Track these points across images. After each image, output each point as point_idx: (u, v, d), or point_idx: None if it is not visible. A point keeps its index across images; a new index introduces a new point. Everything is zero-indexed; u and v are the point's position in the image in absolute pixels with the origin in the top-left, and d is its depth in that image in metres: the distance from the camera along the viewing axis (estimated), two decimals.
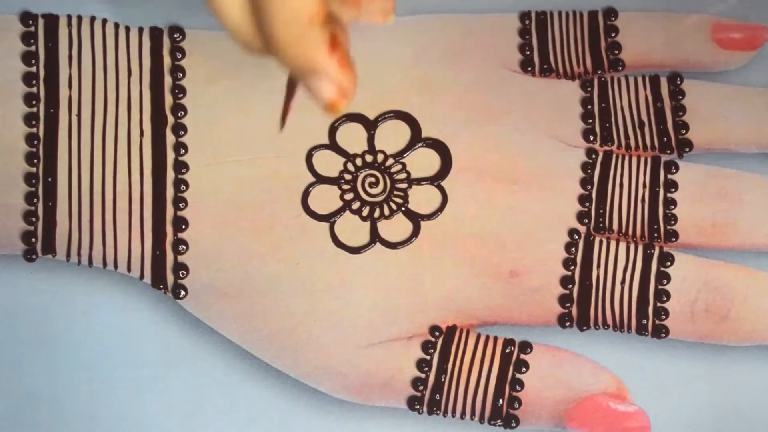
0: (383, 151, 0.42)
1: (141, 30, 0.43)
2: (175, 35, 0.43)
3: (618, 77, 0.44)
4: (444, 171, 0.42)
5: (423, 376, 0.40)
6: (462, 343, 0.41)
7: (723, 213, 0.42)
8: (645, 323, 0.41)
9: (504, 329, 0.41)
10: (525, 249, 0.42)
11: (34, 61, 0.42)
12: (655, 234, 0.42)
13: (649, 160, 0.43)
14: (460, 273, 0.41)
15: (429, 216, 0.42)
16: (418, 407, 0.40)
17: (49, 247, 0.41)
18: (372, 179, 0.42)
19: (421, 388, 0.40)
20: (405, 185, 0.42)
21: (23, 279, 0.41)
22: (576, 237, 0.42)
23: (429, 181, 0.42)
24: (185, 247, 0.41)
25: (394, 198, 0.42)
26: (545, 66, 0.44)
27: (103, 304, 0.41)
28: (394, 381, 0.40)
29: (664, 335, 0.41)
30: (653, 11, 0.45)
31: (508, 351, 0.41)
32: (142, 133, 0.42)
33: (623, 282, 0.41)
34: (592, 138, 0.43)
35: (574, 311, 0.41)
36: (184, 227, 0.41)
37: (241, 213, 0.41)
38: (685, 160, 0.43)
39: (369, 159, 0.42)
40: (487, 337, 0.41)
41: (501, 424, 0.40)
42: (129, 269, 0.41)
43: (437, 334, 0.41)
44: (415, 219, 0.42)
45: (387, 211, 0.42)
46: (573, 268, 0.42)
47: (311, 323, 0.40)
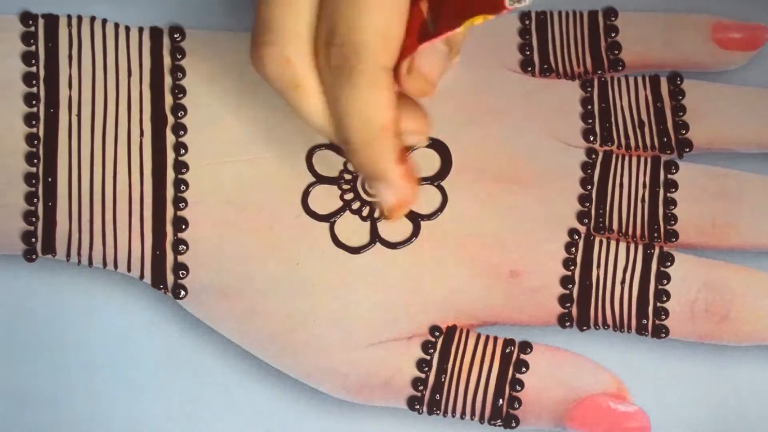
0: None
1: (141, 30, 0.43)
2: (175, 35, 0.43)
3: (618, 77, 0.44)
4: (444, 171, 0.42)
5: (423, 376, 0.40)
6: (462, 343, 0.41)
7: (723, 213, 0.42)
8: (645, 323, 0.41)
9: (504, 329, 0.41)
10: (525, 249, 0.42)
11: (34, 61, 0.42)
12: (655, 234, 0.42)
13: (649, 160, 0.43)
14: (460, 273, 0.41)
15: (429, 216, 0.42)
16: (418, 407, 0.40)
17: (49, 247, 0.41)
18: None
19: (421, 388, 0.40)
20: None
21: (23, 279, 0.41)
22: (576, 237, 0.42)
23: (429, 181, 0.42)
24: (185, 247, 0.41)
25: None
26: (545, 66, 0.44)
27: (103, 304, 0.41)
28: (394, 381, 0.40)
29: (664, 335, 0.41)
30: (653, 11, 0.45)
31: (508, 351, 0.41)
32: (142, 133, 0.42)
33: (623, 282, 0.41)
34: (592, 138, 0.43)
35: (574, 311, 0.41)
36: (184, 227, 0.41)
37: (241, 213, 0.41)
38: (685, 160, 0.43)
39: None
40: (487, 337, 0.41)
41: (501, 424, 0.40)
42: (129, 269, 0.41)
43: (437, 334, 0.41)
44: (415, 219, 0.42)
45: None
46: (573, 268, 0.42)
47: (311, 323, 0.40)
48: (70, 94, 0.42)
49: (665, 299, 0.41)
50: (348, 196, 0.42)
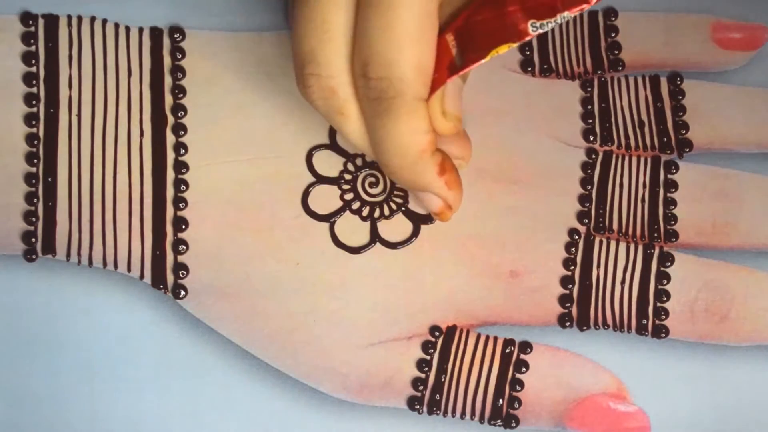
0: None
1: (141, 30, 0.43)
2: (175, 35, 0.43)
3: (618, 77, 0.44)
4: None
5: (423, 376, 0.40)
6: (462, 343, 0.41)
7: (723, 213, 0.42)
8: (645, 323, 0.41)
9: (504, 329, 0.41)
10: (525, 249, 0.42)
11: (34, 61, 0.42)
12: (655, 234, 0.42)
13: (649, 160, 0.43)
14: (460, 273, 0.41)
15: (429, 219, 0.42)
16: (418, 407, 0.40)
17: (49, 247, 0.41)
18: (372, 179, 0.42)
19: (421, 388, 0.40)
20: None
21: (23, 279, 0.41)
22: (576, 237, 0.42)
23: None
24: (185, 247, 0.41)
25: (394, 198, 0.42)
26: (545, 66, 0.44)
27: (103, 304, 0.41)
28: (394, 381, 0.40)
29: (664, 335, 0.41)
30: (653, 11, 0.45)
31: (508, 351, 0.41)
32: (142, 133, 0.42)
33: (623, 282, 0.41)
34: (592, 138, 0.43)
35: (574, 311, 0.41)
36: (184, 227, 0.41)
37: (241, 213, 0.41)
38: (685, 160, 0.43)
39: (369, 159, 0.42)
40: (487, 337, 0.41)
41: (501, 424, 0.40)
42: (129, 269, 0.41)
43: (437, 334, 0.41)
44: (415, 219, 0.42)
45: (387, 211, 0.42)
46: (573, 268, 0.42)
47: (311, 323, 0.40)
48: (70, 94, 0.42)
49: (665, 299, 0.41)
50: (348, 196, 0.42)
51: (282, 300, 0.41)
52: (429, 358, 0.41)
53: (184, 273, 0.41)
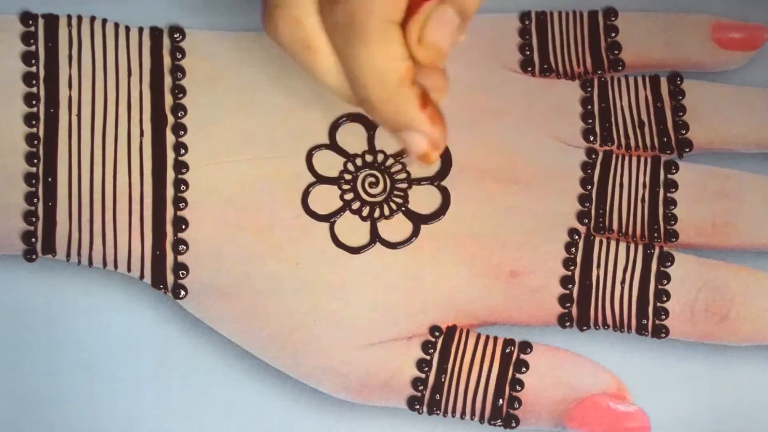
0: (383, 151, 0.42)
1: (141, 30, 0.43)
2: (175, 35, 0.43)
3: (618, 77, 0.44)
4: (444, 171, 0.42)
5: (423, 376, 0.40)
6: (462, 343, 0.41)
7: (723, 213, 0.42)
8: (645, 323, 0.41)
9: (504, 329, 0.41)
10: (525, 249, 0.42)
11: (34, 61, 0.42)
12: (655, 234, 0.42)
13: (649, 160, 0.43)
14: (460, 273, 0.41)
15: (429, 218, 0.42)
16: (418, 407, 0.40)
17: (49, 247, 0.41)
18: (372, 179, 0.42)
19: (421, 388, 0.40)
20: (405, 185, 0.42)
21: (23, 279, 0.41)
22: (576, 237, 0.42)
23: (429, 181, 0.42)
24: (185, 247, 0.41)
25: (394, 198, 0.42)
26: (545, 66, 0.44)
27: (103, 304, 0.41)
28: (394, 381, 0.40)
29: (664, 335, 0.41)
30: (653, 11, 0.45)
31: (508, 351, 0.41)
32: (142, 133, 0.42)
33: (623, 282, 0.41)
34: (592, 138, 0.43)
35: (574, 311, 0.41)
36: (184, 227, 0.41)
37: (241, 213, 0.41)
38: (685, 160, 0.43)
39: (369, 159, 0.42)
40: (487, 337, 0.41)
41: (501, 424, 0.40)
42: (129, 269, 0.41)
43: (437, 334, 0.41)
44: (415, 219, 0.42)
45: (387, 211, 0.42)
46: (573, 268, 0.42)
47: (311, 323, 0.40)
48: (70, 94, 0.42)
49: (665, 299, 0.41)
50: (348, 196, 0.42)
51: (282, 300, 0.41)
52: (429, 358, 0.41)
53: (184, 273, 0.41)
